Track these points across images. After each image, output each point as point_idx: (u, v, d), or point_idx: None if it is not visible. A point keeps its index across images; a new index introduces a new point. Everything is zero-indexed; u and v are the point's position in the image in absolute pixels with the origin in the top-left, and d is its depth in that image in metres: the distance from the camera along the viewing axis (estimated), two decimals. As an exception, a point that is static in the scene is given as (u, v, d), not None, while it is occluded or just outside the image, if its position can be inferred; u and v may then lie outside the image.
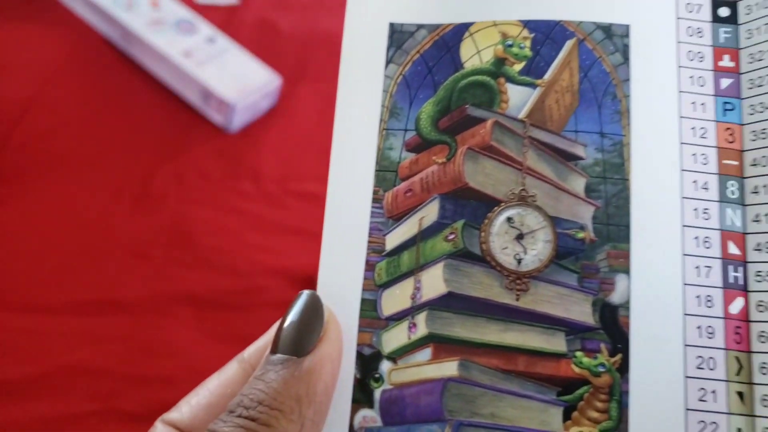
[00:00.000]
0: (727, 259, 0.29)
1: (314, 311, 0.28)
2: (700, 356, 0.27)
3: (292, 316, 0.28)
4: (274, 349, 0.27)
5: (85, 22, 0.76)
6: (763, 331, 0.28)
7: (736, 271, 0.29)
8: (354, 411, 0.29)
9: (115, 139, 0.71)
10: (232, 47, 0.73)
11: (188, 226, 0.65)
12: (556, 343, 0.28)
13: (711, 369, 0.27)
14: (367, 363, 0.29)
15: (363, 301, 0.30)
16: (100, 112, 0.72)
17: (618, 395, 0.27)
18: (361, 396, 0.29)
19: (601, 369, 0.27)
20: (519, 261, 0.29)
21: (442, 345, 0.28)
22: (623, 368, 0.27)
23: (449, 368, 0.28)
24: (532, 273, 0.28)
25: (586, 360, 0.27)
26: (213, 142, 0.70)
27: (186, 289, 0.61)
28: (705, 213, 0.30)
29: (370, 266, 0.30)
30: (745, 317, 0.28)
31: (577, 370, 0.27)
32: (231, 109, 0.69)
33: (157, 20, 0.73)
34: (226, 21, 0.78)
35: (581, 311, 0.28)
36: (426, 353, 0.29)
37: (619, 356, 0.27)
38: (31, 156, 0.68)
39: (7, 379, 0.55)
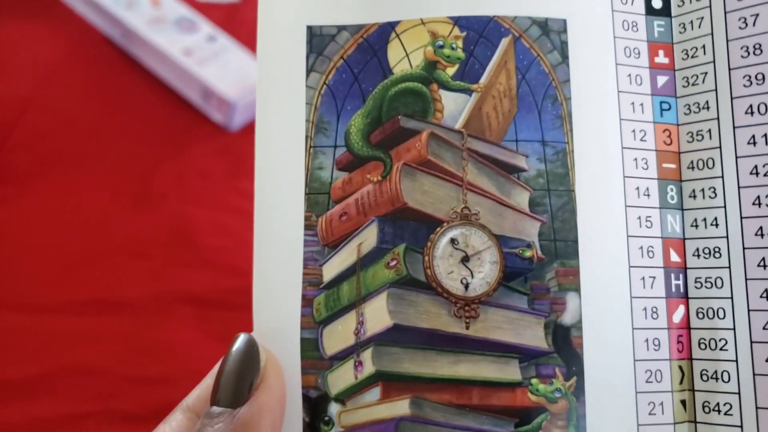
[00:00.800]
0: (668, 268, 0.28)
1: (250, 357, 0.26)
2: (648, 370, 0.27)
3: (229, 364, 0.26)
4: (213, 400, 0.25)
5: (85, 20, 0.75)
6: (702, 338, 0.28)
7: (677, 278, 0.28)
8: None
9: (115, 138, 0.69)
10: (233, 46, 0.73)
11: (188, 226, 0.65)
12: (510, 371, 0.26)
13: (658, 381, 0.27)
14: (315, 406, 0.27)
15: (303, 340, 0.27)
16: (100, 111, 0.71)
17: (575, 419, 0.26)
18: None
19: (557, 395, 0.26)
20: (466, 286, 0.27)
21: (391, 383, 0.27)
22: (578, 391, 0.26)
23: (401, 407, 0.26)
24: (480, 298, 0.27)
25: (542, 387, 0.26)
26: (213, 140, 0.70)
27: (186, 289, 0.61)
28: (648, 221, 0.29)
29: (307, 301, 0.27)
30: (686, 325, 0.28)
31: (533, 398, 0.26)
32: (231, 107, 0.68)
33: (157, 18, 0.72)
34: (226, 19, 0.78)
35: (533, 335, 0.27)
36: (375, 392, 0.27)
37: (574, 379, 0.26)
38: (31, 155, 0.67)
39: (7, 379, 0.54)
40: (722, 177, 0.28)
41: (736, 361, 0.27)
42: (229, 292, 0.61)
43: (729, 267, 0.28)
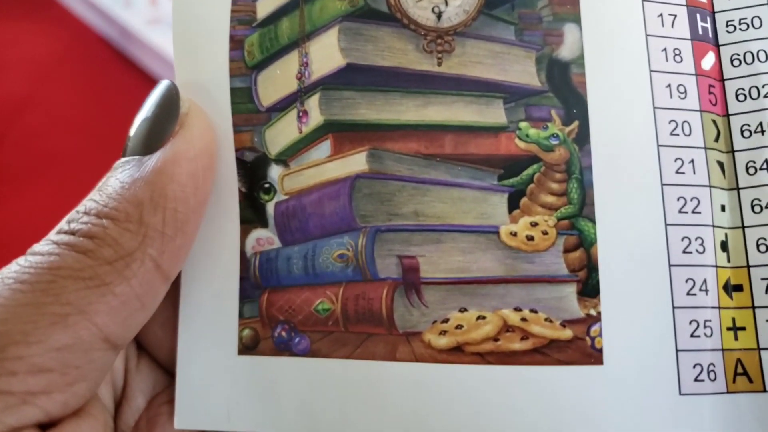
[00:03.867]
0: (692, 6, 0.23)
1: (166, 102, 0.20)
2: (673, 120, 0.21)
3: (144, 112, 0.20)
4: (124, 152, 0.20)
5: (82, 20, 0.73)
6: (740, 88, 0.22)
7: (704, 21, 0.23)
8: (245, 233, 0.22)
9: (111, 138, 0.67)
10: (232, 46, 0.68)
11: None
12: (493, 113, 0.21)
13: (686, 135, 0.21)
14: (252, 171, 0.22)
15: (233, 91, 0.22)
16: (97, 111, 0.69)
17: (578, 172, 0.21)
18: (251, 213, 0.22)
19: (553, 141, 0.21)
20: (439, 15, 0.21)
21: (344, 134, 0.21)
22: (582, 138, 0.21)
23: (356, 162, 0.21)
24: (456, 28, 0.21)
25: (533, 131, 0.21)
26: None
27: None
28: (664, -48, 0.23)
29: (237, 43, 0.22)
30: (719, 76, 0.22)
31: (522, 145, 0.21)
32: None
33: (155, 18, 0.70)
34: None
35: (523, 71, 0.21)
36: (324, 147, 0.21)
37: (575, 124, 0.21)
38: (27, 155, 0.65)
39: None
40: None
41: (781, 99, 0.21)
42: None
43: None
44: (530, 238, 0.20)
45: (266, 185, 0.22)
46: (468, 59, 0.21)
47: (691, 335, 0.20)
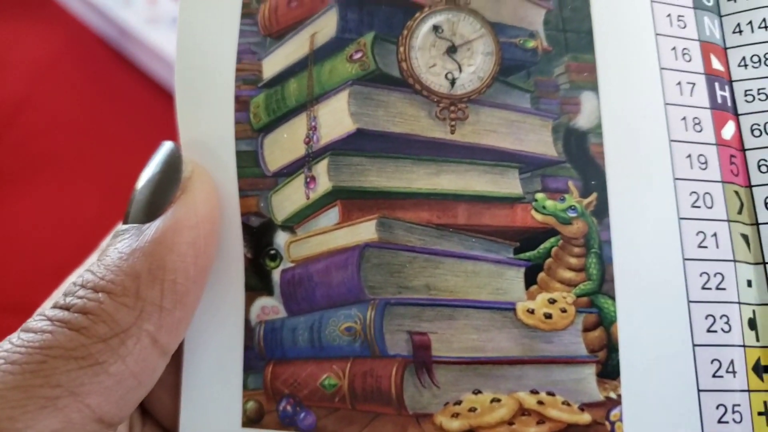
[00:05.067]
0: (711, 75, 0.22)
1: (168, 167, 0.20)
2: (694, 192, 0.21)
3: (146, 176, 0.20)
4: (126, 219, 0.19)
5: (80, 19, 0.72)
6: (763, 159, 0.22)
7: (722, 89, 0.22)
8: (249, 301, 0.21)
9: (110, 139, 0.67)
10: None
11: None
12: (508, 183, 0.20)
13: (708, 207, 0.21)
14: (258, 237, 0.21)
15: (239, 154, 0.21)
16: (96, 110, 0.68)
17: (597, 246, 0.20)
18: (256, 281, 0.21)
19: (571, 213, 0.20)
20: (452, 82, 0.21)
21: (353, 201, 0.20)
22: (600, 211, 0.20)
23: (365, 231, 0.20)
24: (470, 96, 0.21)
25: (550, 203, 0.20)
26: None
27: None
28: (680, 21, 0.23)
29: (242, 104, 0.21)
30: (739, 145, 0.22)
31: (539, 217, 0.20)
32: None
33: (154, 17, 0.69)
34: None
35: (539, 140, 0.20)
36: (332, 215, 0.20)
37: (593, 196, 0.20)
38: (25, 155, 0.65)
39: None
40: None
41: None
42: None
43: (786, 71, 0.22)
44: (548, 316, 0.19)
45: (272, 252, 0.21)
46: (482, 127, 0.20)
47: (719, 421, 0.19)
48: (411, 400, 0.19)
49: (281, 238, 0.21)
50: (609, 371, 0.19)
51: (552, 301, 0.19)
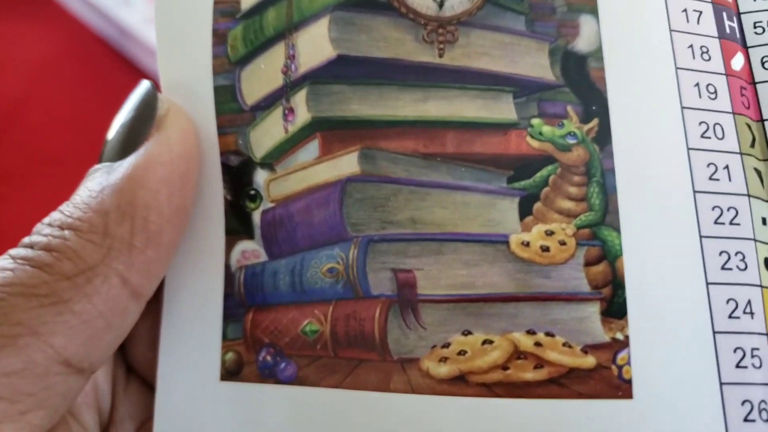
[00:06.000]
0: (717, 4, 0.20)
1: (145, 105, 0.19)
2: (703, 122, 0.19)
3: (121, 116, 0.19)
4: (100, 159, 0.19)
5: (79, 18, 0.72)
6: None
7: (730, 20, 0.20)
8: (230, 245, 0.20)
9: None
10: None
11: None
12: (501, 109, 0.18)
13: (719, 138, 0.19)
14: (238, 177, 0.20)
15: (217, 89, 0.20)
16: (95, 110, 0.71)
17: (599, 175, 0.18)
18: (237, 223, 0.19)
19: (570, 140, 0.18)
20: (441, 3, 0.19)
21: (333, 132, 0.19)
22: (602, 138, 0.18)
23: (347, 164, 0.19)
24: (460, 18, 0.19)
25: (547, 129, 0.18)
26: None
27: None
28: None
29: (220, 37, 0.20)
30: (749, 78, 0.20)
31: (535, 144, 0.18)
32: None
33: (153, 17, 0.70)
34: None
35: (534, 63, 0.19)
36: (312, 148, 0.19)
37: (595, 122, 0.18)
38: (25, 154, 0.64)
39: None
40: None
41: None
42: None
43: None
44: (545, 249, 0.17)
45: (252, 192, 0.20)
46: (473, 50, 0.19)
47: (737, 366, 0.17)
48: (395, 343, 0.18)
49: (260, 177, 0.20)
50: (615, 310, 0.17)
51: (550, 233, 0.18)
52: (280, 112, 0.19)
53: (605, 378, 0.17)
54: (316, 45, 0.19)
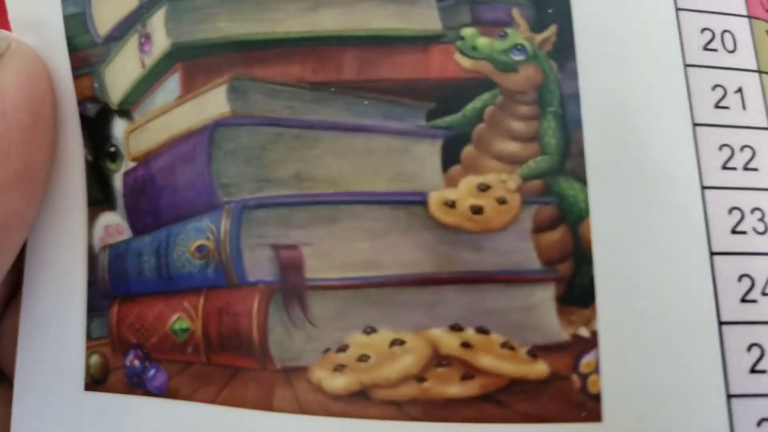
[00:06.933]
0: None
1: None
2: (707, 29, 0.13)
3: None
4: None
5: None
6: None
7: None
8: (92, 218, 0.15)
9: None
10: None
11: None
12: (420, 15, 0.13)
13: (729, 51, 0.13)
14: (97, 131, 0.15)
15: (67, 19, 0.15)
16: None
17: (557, 104, 0.13)
18: (98, 191, 0.15)
19: (517, 56, 0.13)
20: None
21: (197, 61, 0.14)
22: (562, 51, 0.13)
23: (214, 102, 0.14)
24: None
25: (484, 42, 0.13)
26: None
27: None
28: None
29: (66, -51, 0.15)
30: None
31: (467, 63, 0.13)
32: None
33: None
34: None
35: (468, -48, 0.13)
36: (173, 85, 0.14)
37: (552, 29, 0.13)
38: None
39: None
40: None
41: None
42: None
43: None
44: (478, 210, 0.12)
45: (112, 149, 0.15)
46: (384, -61, 0.14)
47: (752, 370, 0.11)
48: (278, 346, 0.13)
49: (119, 129, 0.15)
50: (577, 294, 0.12)
51: (484, 188, 0.12)
52: (135, 41, 0.15)
53: (563, 393, 0.11)
54: (179, -51, 0.14)
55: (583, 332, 0.12)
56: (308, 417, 0.13)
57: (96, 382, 0.15)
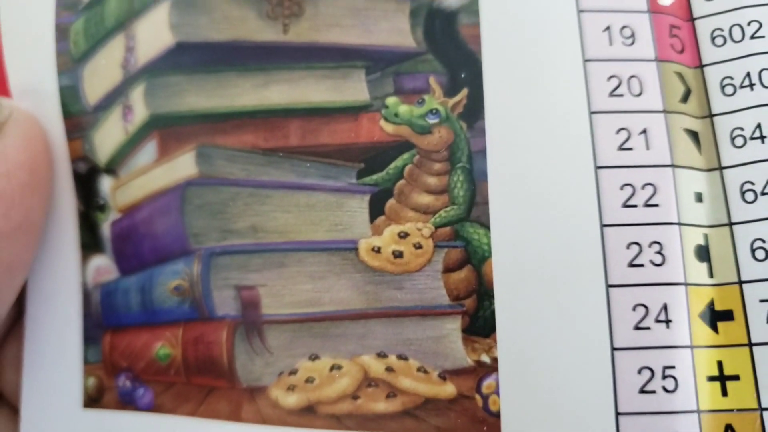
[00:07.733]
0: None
1: None
2: (614, 76, 0.15)
3: None
4: None
5: None
6: (718, 29, 0.15)
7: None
8: (85, 260, 0.18)
9: None
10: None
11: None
12: (352, 89, 0.16)
13: (635, 95, 0.15)
14: (87, 186, 0.18)
15: (63, 90, 0.18)
16: None
17: (465, 159, 0.15)
18: (89, 237, 0.18)
19: (432, 119, 0.15)
20: (286, -30, 0.16)
21: (170, 130, 0.17)
22: (472, 112, 0.15)
23: (184, 165, 0.16)
24: (308, -16, 0.16)
25: (404, 109, 0.15)
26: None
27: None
28: None
29: (62, 32, 0.18)
30: (687, 15, 0.16)
31: (389, 128, 0.15)
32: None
33: None
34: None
35: (392, 29, 0.16)
36: (150, 150, 0.17)
37: (463, 93, 0.15)
38: None
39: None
40: None
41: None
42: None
43: None
44: (398, 255, 0.15)
45: (101, 202, 0.18)
46: (322, 21, 0.16)
47: (641, 390, 0.13)
48: (243, 369, 0.15)
49: (106, 185, 0.18)
50: (480, 325, 0.14)
51: (403, 235, 0.15)
52: (120, 111, 0.17)
53: (468, 410, 0.14)
54: (155, 33, 0.17)
55: (485, 358, 0.14)
56: (270, 427, 0.15)
57: (93, 400, 0.18)
